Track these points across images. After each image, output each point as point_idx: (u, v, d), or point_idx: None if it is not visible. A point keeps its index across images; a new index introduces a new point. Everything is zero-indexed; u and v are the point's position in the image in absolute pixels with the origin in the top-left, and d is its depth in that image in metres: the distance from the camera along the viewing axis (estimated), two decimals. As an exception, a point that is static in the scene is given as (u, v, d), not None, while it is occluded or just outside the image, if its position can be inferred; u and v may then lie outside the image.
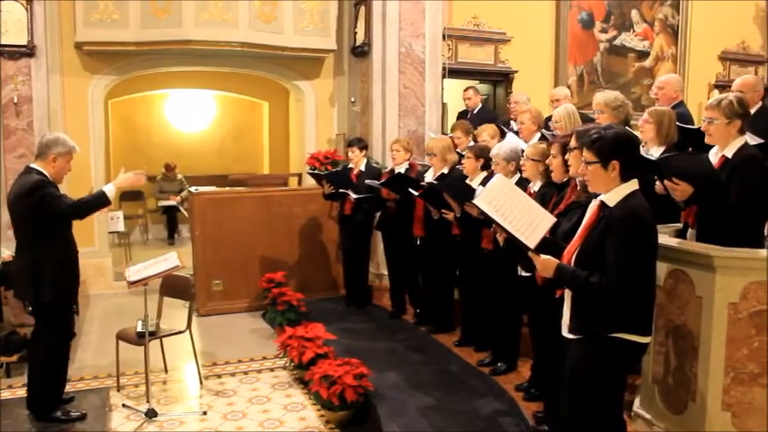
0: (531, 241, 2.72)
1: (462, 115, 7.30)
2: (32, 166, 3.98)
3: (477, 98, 7.22)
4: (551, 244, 2.82)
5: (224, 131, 11.33)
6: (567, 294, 2.74)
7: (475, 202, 2.81)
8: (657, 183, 3.59)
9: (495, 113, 7.51)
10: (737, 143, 3.26)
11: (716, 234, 3.17)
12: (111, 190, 4.04)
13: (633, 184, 2.61)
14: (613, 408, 2.74)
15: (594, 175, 2.65)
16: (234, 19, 6.76)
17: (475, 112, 7.13)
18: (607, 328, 2.58)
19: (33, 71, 6.49)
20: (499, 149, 4.44)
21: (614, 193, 2.61)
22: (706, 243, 3.19)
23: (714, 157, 3.36)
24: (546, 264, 2.69)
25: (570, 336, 2.72)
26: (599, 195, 2.68)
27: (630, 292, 2.51)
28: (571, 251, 2.70)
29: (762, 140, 3.49)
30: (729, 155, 3.25)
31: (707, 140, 3.37)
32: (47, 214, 3.85)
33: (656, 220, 2.64)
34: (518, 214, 2.76)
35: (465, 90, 7.33)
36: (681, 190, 3.19)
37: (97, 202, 4.02)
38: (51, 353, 4.04)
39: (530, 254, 2.74)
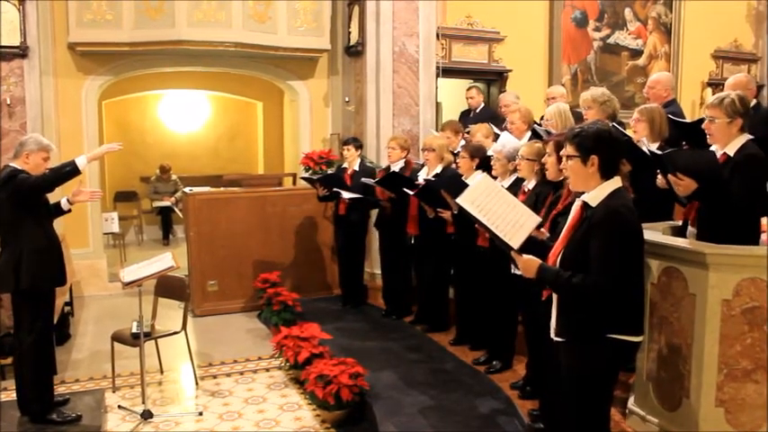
0: (515, 242, 2.71)
1: (465, 114, 7.31)
2: (9, 164, 4.09)
3: (479, 97, 7.23)
4: (540, 244, 2.82)
5: (218, 132, 11.32)
6: (555, 297, 2.73)
7: (458, 201, 2.80)
8: (659, 177, 3.60)
9: (497, 113, 7.53)
10: (739, 141, 3.24)
11: (716, 232, 3.17)
12: (82, 160, 4.09)
13: (615, 183, 2.59)
14: (605, 405, 2.74)
15: (574, 171, 2.64)
16: (227, 19, 6.75)
17: (477, 111, 7.13)
18: (596, 330, 2.57)
19: (26, 72, 6.48)
20: (503, 147, 4.44)
21: (596, 192, 2.59)
22: (706, 241, 3.19)
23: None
24: (528, 264, 2.67)
25: (557, 339, 2.72)
26: (583, 194, 2.66)
27: (615, 292, 2.50)
28: (556, 253, 2.69)
29: (752, 136, 3.49)
30: (731, 153, 3.24)
31: (709, 140, 3.36)
32: (22, 196, 3.94)
33: (644, 218, 2.64)
34: (502, 214, 2.74)
35: (468, 89, 7.33)
36: (685, 185, 3.18)
37: (64, 166, 4.06)
38: (34, 346, 4.02)
39: (512, 254, 2.73)
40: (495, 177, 4.20)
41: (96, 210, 7.19)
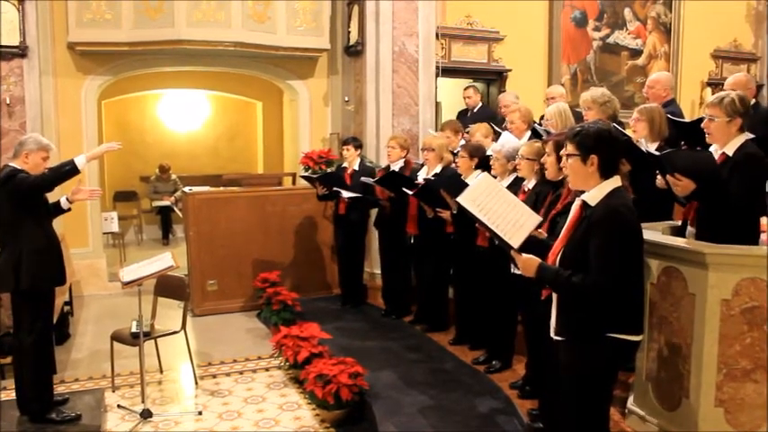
0: (515, 241, 2.71)
1: (462, 114, 7.31)
2: (9, 164, 4.09)
3: (477, 97, 7.23)
4: (541, 244, 2.82)
5: (218, 131, 11.32)
6: (555, 296, 2.74)
7: (458, 200, 2.80)
8: (659, 177, 3.61)
9: (495, 112, 7.55)
10: (738, 141, 3.24)
11: (715, 232, 3.17)
12: (81, 159, 4.09)
13: (614, 182, 2.60)
14: (605, 404, 2.75)
15: (574, 170, 2.65)
16: (227, 19, 6.75)
17: (475, 110, 7.14)
18: (596, 329, 2.57)
19: (26, 72, 6.48)
20: (502, 147, 4.45)
21: (595, 192, 2.59)
22: (705, 241, 3.19)
23: (714, 154, 3.35)
24: (527, 263, 2.68)
25: (557, 338, 2.72)
26: (582, 194, 2.66)
27: (614, 292, 2.50)
28: (555, 252, 2.70)
29: (753, 135, 3.49)
30: (730, 152, 3.24)
31: (708, 139, 3.36)
32: (21, 195, 3.94)
33: (644, 218, 2.64)
34: (502, 213, 2.75)
35: (465, 89, 7.33)
36: (683, 186, 3.19)
37: (63, 166, 4.06)
38: (34, 346, 4.02)
39: (512, 253, 2.73)
40: (494, 177, 4.19)
41: (96, 209, 7.19)
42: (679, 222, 3.65)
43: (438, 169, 5.42)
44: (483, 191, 2.83)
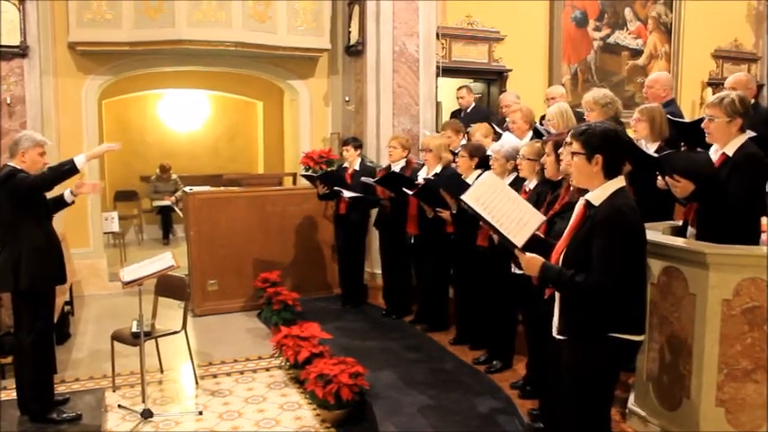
0: (519, 239, 2.71)
1: (455, 114, 7.32)
2: (8, 164, 4.08)
3: (470, 97, 7.24)
4: (543, 243, 2.82)
5: (218, 131, 11.32)
6: (558, 295, 2.74)
7: (463, 198, 2.81)
8: (659, 178, 3.61)
9: (488, 112, 7.55)
10: (738, 141, 3.24)
11: (715, 232, 3.17)
12: (81, 158, 4.09)
13: (618, 182, 2.60)
14: (606, 404, 2.74)
15: (578, 168, 2.65)
16: (227, 18, 6.75)
17: (468, 110, 7.15)
18: (597, 329, 2.57)
19: (26, 71, 6.49)
20: (501, 147, 4.45)
21: (599, 192, 2.59)
22: (706, 241, 3.19)
23: (714, 154, 3.35)
24: (531, 262, 2.68)
25: (559, 337, 2.72)
26: (586, 194, 2.67)
27: (617, 292, 2.50)
28: (558, 251, 2.70)
29: (754, 134, 3.49)
30: (730, 153, 3.24)
31: (707, 139, 3.36)
32: (21, 195, 3.94)
33: (644, 218, 2.64)
34: (506, 212, 2.75)
35: (458, 89, 7.35)
36: (682, 187, 3.19)
37: (63, 165, 4.07)
38: (34, 346, 4.02)
39: (516, 252, 2.73)
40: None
41: (96, 209, 7.20)
42: (680, 223, 3.65)
43: (438, 169, 5.42)
44: (487, 189, 2.83)
